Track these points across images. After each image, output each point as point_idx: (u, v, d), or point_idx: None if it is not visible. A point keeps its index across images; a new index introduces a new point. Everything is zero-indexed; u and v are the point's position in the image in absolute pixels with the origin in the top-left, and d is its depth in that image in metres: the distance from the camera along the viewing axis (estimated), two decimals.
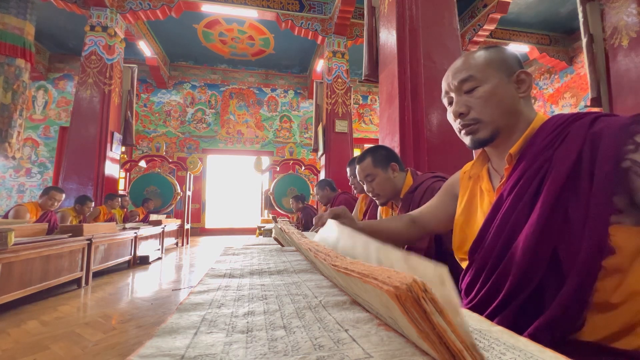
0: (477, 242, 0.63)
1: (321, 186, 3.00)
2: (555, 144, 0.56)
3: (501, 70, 0.65)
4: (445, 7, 2.20)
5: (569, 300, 0.47)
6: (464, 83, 0.66)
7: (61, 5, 4.84)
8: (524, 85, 0.65)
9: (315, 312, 0.42)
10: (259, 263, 0.87)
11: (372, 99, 9.27)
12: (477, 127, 0.65)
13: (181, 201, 6.32)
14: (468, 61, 0.67)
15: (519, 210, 0.56)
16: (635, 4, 2.38)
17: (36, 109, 7.32)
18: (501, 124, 0.64)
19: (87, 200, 3.79)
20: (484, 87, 0.64)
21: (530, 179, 0.56)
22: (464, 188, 0.77)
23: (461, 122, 0.66)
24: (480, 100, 0.64)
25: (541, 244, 0.51)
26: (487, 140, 0.65)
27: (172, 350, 0.30)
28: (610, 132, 0.50)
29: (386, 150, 1.28)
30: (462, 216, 0.73)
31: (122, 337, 1.73)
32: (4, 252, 1.98)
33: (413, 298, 0.22)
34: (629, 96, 2.40)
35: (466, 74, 0.65)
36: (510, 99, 0.64)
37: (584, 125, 0.54)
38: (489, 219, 0.61)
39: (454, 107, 0.67)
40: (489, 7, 5.64)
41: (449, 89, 0.69)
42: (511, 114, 0.64)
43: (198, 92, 8.35)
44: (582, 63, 6.57)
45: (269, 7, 5.54)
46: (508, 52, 0.67)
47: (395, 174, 1.23)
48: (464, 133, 0.67)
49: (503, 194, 0.60)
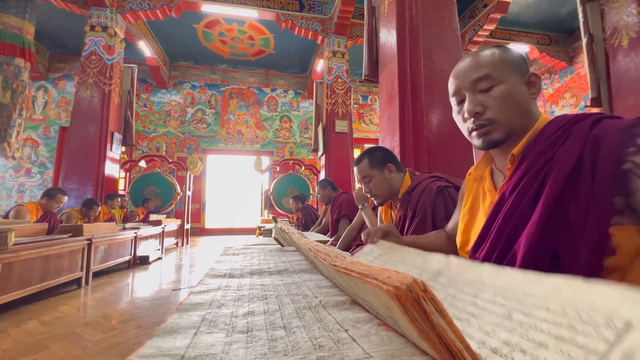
0: (479, 241, 0.63)
1: (322, 185, 3.00)
2: (557, 145, 0.56)
3: (516, 70, 0.64)
4: (445, 7, 2.20)
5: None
6: (480, 81, 0.64)
7: (61, 5, 4.83)
8: (534, 87, 0.65)
9: (315, 312, 0.42)
10: (259, 263, 0.87)
11: (372, 99, 9.27)
12: (491, 127, 0.63)
13: (181, 201, 6.32)
14: (482, 59, 0.65)
15: (520, 209, 0.56)
16: (635, 4, 2.38)
17: (36, 109, 7.32)
18: (515, 125, 0.63)
19: (94, 205, 3.78)
20: (501, 87, 0.62)
21: (532, 178, 0.57)
22: (468, 190, 0.77)
23: (475, 122, 0.64)
24: (497, 100, 0.62)
25: (542, 244, 0.51)
26: (500, 141, 0.64)
27: (172, 350, 0.30)
28: (612, 134, 0.51)
29: (383, 151, 1.29)
30: (467, 216, 0.74)
31: (122, 337, 1.73)
32: (4, 252, 1.98)
33: (413, 298, 0.22)
34: (629, 96, 2.40)
35: (483, 71, 0.64)
36: (525, 100, 0.63)
37: (585, 127, 0.54)
38: (490, 219, 0.62)
39: (469, 106, 0.64)
40: (489, 7, 5.64)
41: (461, 86, 0.67)
42: (524, 116, 0.64)
43: (198, 92, 8.35)
44: (582, 63, 6.57)
45: (269, 7, 5.54)
46: (519, 53, 0.67)
47: (392, 175, 1.24)
48: (477, 134, 0.65)
49: (505, 193, 0.60)
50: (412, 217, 1.11)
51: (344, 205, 2.55)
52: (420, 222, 1.08)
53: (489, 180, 0.71)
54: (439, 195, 1.10)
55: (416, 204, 1.12)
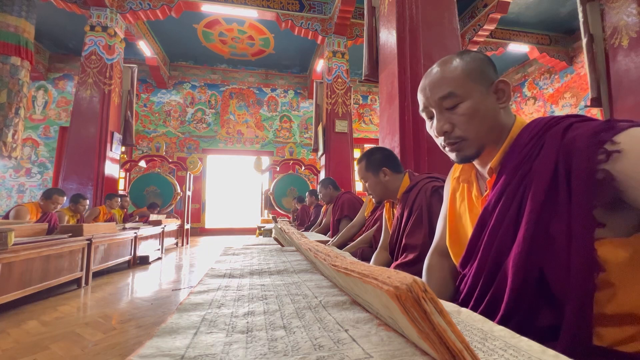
0: (467, 256, 0.63)
1: (324, 185, 2.99)
2: (533, 156, 0.55)
3: (480, 82, 0.62)
4: (445, 7, 2.20)
5: (575, 321, 0.46)
6: (445, 100, 0.62)
7: (61, 5, 4.84)
8: (503, 95, 0.63)
9: (315, 312, 0.42)
10: (259, 263, 0.87)
11: (372, 99, 9.27)
12: (462, 145, 0.63)
13: (181, 201, 6.32)
14: (445, 75, 0.63)
15: (504, 228, 0.55)
16: (635, 4, 2.38)
17: (36, 109, 7.32)
18: (486, 140, 0.63)
19: (80, 198, 3.76)
20: (467, 104, 0.61)
21: (512, 194, 0.56)
22: (453, 190, 0.76)
23: (446, 140, 0.64)
24: (463, 117, 0.61)
25: (531, 264, 0.50)
26: (473, 156, 0.64)
27: (172, 350, 0.30)
28: (581, 141, 0.49)
29: (381, 154, 1.34)
30: (453, 222, 0.74)
31: (122, 337, 1.73)
32: (4, 252, 1.98)
33: (413, 298, 0.22)
34: (629, 96, 2.40)
35: (446, 90, 0.62)
36: (492, 112, 0.62)
37: (557, 135, 0.53)
38: (476, 233, 0.61)
39: (437, 125, 0.64)
40: (489, 7, 5.64)
41: (427, 104, 0.66)
42: (494, 129, 0.63)
43: (198, 92, 8.35)
44: (582, 63, 6.57)
45: (269, 7, 5.54)
46: (484, 58, 0.65)
47: (387, 178, 1.30)
48: (449, 150, 0.65)
49: (488, 208, 0.60)
50: (409, 216, 1.16)
51: (346, 205, 2.55)
52: (417, 221, 1.12)
53: (476, 186, 0.70)
54: (434, 194, 1.14)
55: (413, 203, 1.16)
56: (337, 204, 2.63)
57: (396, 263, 1.14)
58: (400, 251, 1.16)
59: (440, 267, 0.77)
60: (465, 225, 0.70)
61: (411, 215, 1.15)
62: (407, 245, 1.12)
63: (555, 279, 0.48)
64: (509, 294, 0.51)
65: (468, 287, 0.61)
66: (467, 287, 0.61)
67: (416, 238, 1.09)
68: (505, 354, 0.29)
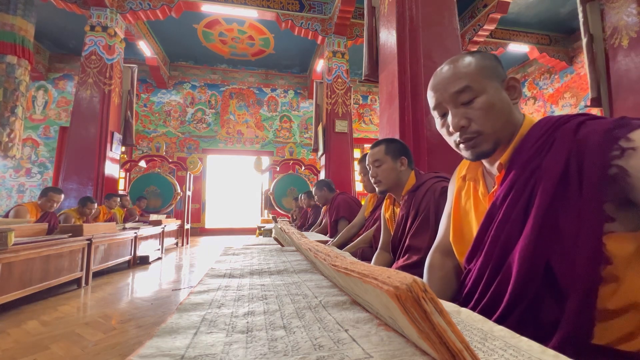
0: (473, 251, 0.63)
1: (319, 186, 2.97)
2: (543, 152, 0.56)
3: (494, 78, 0.62)
4: (445, 7, 2.20)
5: (577, 313, 0.46)
6: (460, 94, 0.62)
7: (61, 5, 4.83)
8: (515, 91, 0.64)
9: (315, 312, 0.42)
10: (259, 263, 0.87)
11: (372, 99, 9.26)
12: (479, 140, 0.62)
13: (181, 201, 6.32)
14: (459, 70, 0.63)
15: (512, 222, 0.56)
16: (635, 4, 2.38)
17: (36, 109, 7.32)
18: (501, 134, 0.63)
19: (87, 202, 3.77)
20: (483, 98, 0.61)
21: (521, 189, 0.56)
22: (458, 189, 0.76)
23: (462, 136, 0.63)
24: (480, 111, 0.61)
25: (537, 257, 0.51)
26: (490, 152, 0.63)
27: (172, 350, 0.30)
28: (594, 138, 0.50)
29: (401, 144, 1.30)
30: (458, 220, 0.74)
31: (122, 337, 1.73)
32: (4, 252, 1.98)
33: (413, 298, 0.22)
34: (629, 96, 2.40)
35: (462, 84, 0.62)
36: (507, 107, 0.62)
37: (569, 131, 0.54)
38: (483, 228, 0.61)
39: (454, 120, 0.63)
40: (489, 7, 5.64)
41: (442, 100, 0.65)
42: (509, 123, 0.63)
43: (198, 92, 8.35)
44: (582, 63, 6.57)
45: (269, 7, 5.54)
46: (493, 57, 0.65)
47: (403, 168, 1.25)
48: (465, 147, 0.64)
49: (495, 203, 0.60)
50: (415, 216, 1.12)
51: (342, 206, 2.54)
52: (423, 222, 1.08)
53: (482, 184, 0.70)
54: (443, 195, 1.09)
55: (419, 203, 1.12)
56: (333, 206, 2.62)
57: (398, 264, 1.11)
58: (402, 252, 1.13)
59: (441, 266, 0.77)
60: (471, 223, 0.70)
61: (417, 215, 1.11)
62: (410, 246, 1.09)
63: (562, 270, 0.49)
64: (513, 285, 0.52)
65: (473, 280, 0.61)
66: (471, 281, 0.61)
67: (421, 239, 1.06)
68: (505, 354, 0.29)
